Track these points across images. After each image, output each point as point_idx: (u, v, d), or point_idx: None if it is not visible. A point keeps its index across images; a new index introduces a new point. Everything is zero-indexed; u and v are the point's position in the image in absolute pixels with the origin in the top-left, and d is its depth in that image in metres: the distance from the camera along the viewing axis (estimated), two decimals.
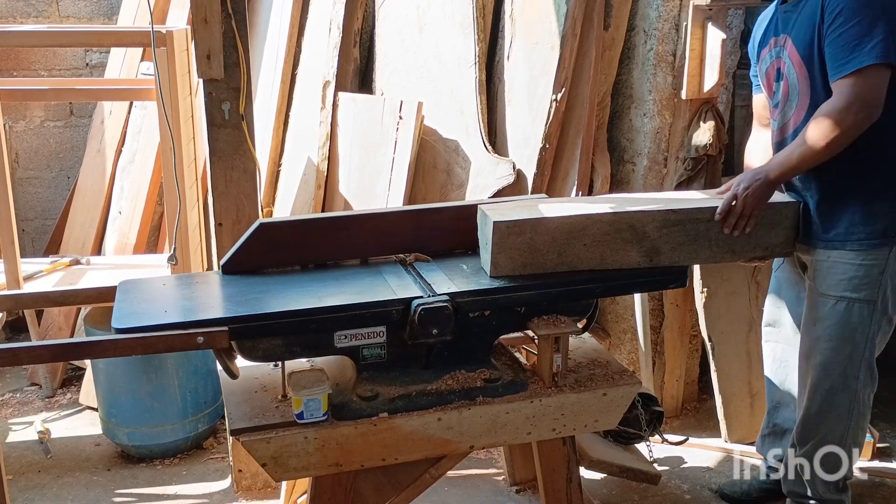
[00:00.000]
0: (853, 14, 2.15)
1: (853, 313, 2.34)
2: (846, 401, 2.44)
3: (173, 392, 3.04)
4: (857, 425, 2.48)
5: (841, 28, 2.16)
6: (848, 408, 2.45)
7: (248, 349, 1.98)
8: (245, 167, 2.61)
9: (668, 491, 2.91)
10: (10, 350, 1.92)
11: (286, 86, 3.63)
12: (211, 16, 2.45)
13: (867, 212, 2.30)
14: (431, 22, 3.32)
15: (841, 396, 2.43)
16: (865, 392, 2.46)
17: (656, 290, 3.18)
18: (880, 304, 2.35)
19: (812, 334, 2.44)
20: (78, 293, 2.48)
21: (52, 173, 4.12)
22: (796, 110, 2.36)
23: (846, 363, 2.39)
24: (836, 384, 2.42)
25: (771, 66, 2.45)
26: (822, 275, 2.37)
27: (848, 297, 2.34)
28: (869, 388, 2.47)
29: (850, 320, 2.35)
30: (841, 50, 2.16)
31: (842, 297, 2.34)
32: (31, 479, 3.00)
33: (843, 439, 2.48)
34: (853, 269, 2.32)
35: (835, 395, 2.44)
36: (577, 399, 2.16)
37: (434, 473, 2.19)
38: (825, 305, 2.38)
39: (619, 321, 3.40)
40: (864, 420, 2.52)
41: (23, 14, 3.92)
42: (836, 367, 2.41)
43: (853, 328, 2.36)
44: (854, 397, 2.43)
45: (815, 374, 2.45)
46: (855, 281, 2.32)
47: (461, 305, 2.04)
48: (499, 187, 3.05)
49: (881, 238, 2.30)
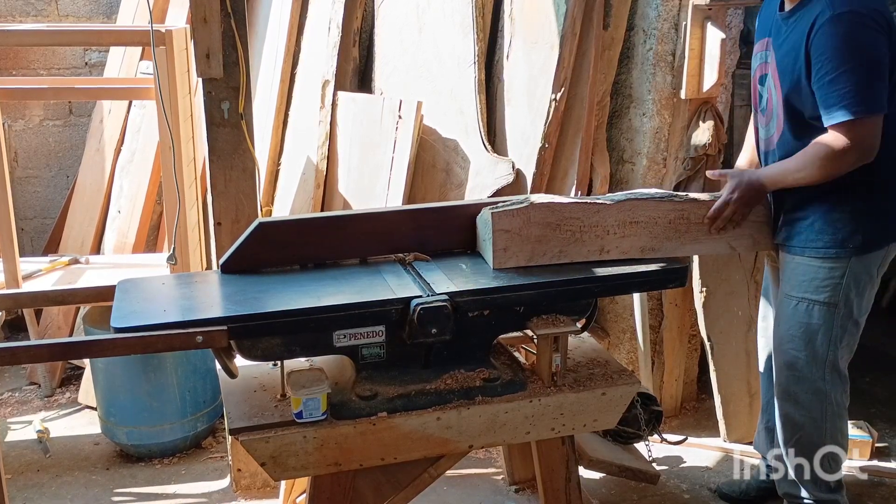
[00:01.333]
0: (842, 61, 2.14)
1: (814, 315, 2.37)
2: (817, 403, 2.44)
3: (172, 391, 3.04)
4: (834, 427, 2.48)
5: (831, 73, 2.15)
6: (821, 410, 2.45)
7: (247, 348, 1.98)
8: (244, 166, 2.61)
9: (666, 490, 2.92)
10: (9, 349, 1.92)
11: (285, 85, 3.63)
12: (210, 15, 2.45)
13: (826, 221, 2.32)
14: (431, 21, 3.32)
15: (811, 399, 2.44)
16: (837, 393, 2.46)
17: (655, 290, 3.18)
18: (843, 307, 2.36)
19: (777, 334, 2.48)
20: (77, 292, 2.47)
21: (51, 172, 4.12)
22: (775, 131, 2.39)
23: (809, 364, 2.41)
24: (802, 386, 2.44)
25: (759, 68, 2.46)
26: (787, 276, 2.42)
27: (809, 298, 2.37)
28: (839, 388, 2.47)
29: (811, 322, 2.38)
30: (836, 97, 2.15)
31: (803, 299, 2.38)
32: (29, 478, 3.00)
33: (822, 441, 2.48)
34: (813, 271, 2.35)
35: (802, 396, 2.45)
36: (576, 398, 2.16)
37: (433, 473, 2.19)
38: (788, 306, 2.42)
39: (619, 321, 3.40)
40: (842, 421, 2.52)
41: (22, 13, 3.91)
42: (801, 369, 2.42)
43: (814, 329, 2.38)
44: (825, 399, 2.44)
45: (782, 375, 2.48)
46: (815, 283, 2.35)
47: (460, 305, 2.04)
48: (498, 187, 3.05)
49: (839, 247, 2.32)
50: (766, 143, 2.47)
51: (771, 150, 2.44)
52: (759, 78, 2.45)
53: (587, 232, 2.21)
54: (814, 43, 2.18)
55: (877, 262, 2.37)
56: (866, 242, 2.32)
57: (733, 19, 3.23)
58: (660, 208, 2.28)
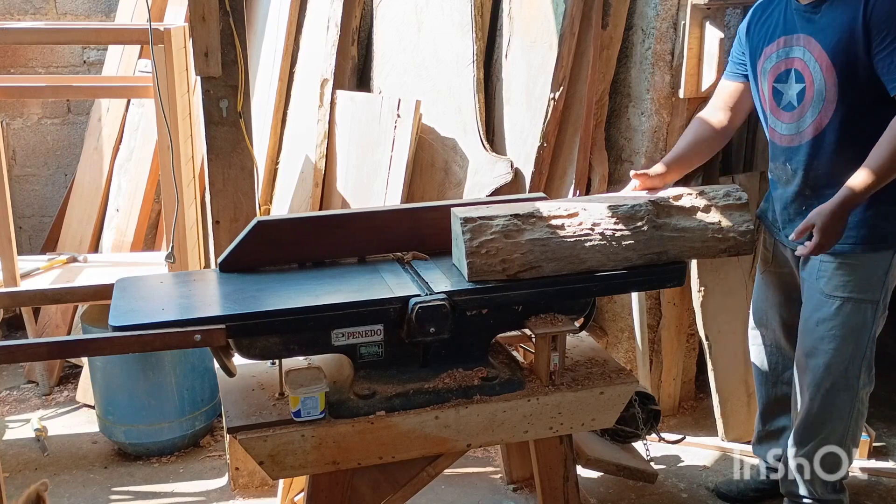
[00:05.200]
0: None
1: (859, 314, 2.36)
2: (848, 401, 2.45)
3: (170, 390, 3.04)
4: (856, 425, 2.50)
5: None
6: (849, 408, 2.46)
7: (245, 347, 1.98)
8: (243, 165, 2.60)
9: (664, 489, 2.92)
10: (7, 347, 1.92)
11: (284, 84, 3.63)
12: (209, 13, 2.45)
13: (873, 216, 2.30)
14: (430, 20, 3.32)
15: (843, 397, 2.45)
16: (865, 391, 2.48)
17: (654, 289, 3.18)
18: (881, 303, 2.37)
19: (815, 334, 2.44)
20: (75, 291, 2.47)
21: (50, 171, 4.12)
22: (820, 115, 2.30)
23: (849, 363, 2.41)
24: (838, 384, 2.43)
25: (776, 66, 2.39)
26: (829, 276, 2.38)
27: (854, 297, 2.35)
28: (868, 387, 2.49)
29: (856, 321, 2.37)
30: None
31: (848, 298, 2.36)
32: (27, 476, 3.00)
33: (844, 439, 2.49)
34: (859, 270, 2.33)
35: (837, 396, 2.44)
36: (574, 397, 2.16)
37: (431, 472, 2.19)
38: (831, 306, 2.39)
39: (617, 320, 3.41)
40: (863, 419, 2.54)
41: (20, 11, 3.91)
42: (839, 367, 2.41)
43: (858, 329, 2.38)
44: (855, 397, 2.45)
45: (817, 375, 2.45)
46: (862, 282, 2.34)
47: (458, 304, 2.04)
48: (496, 186, 3.05)
49: (885, 241, 2.31)
50: (790, 139, 2.39)
51: (796, 147, 2.37)
52: (776, 77, 2.39)
53: None
54: (873, 14, 2.14)
55: None
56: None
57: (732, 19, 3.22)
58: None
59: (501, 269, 2.09)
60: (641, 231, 2.19)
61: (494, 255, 2.07)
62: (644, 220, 2.20)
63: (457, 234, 2.14)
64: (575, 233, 2.15)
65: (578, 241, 2.14)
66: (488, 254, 2.07)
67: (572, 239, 2.14)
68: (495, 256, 2.08)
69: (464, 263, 2.09)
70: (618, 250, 2.17)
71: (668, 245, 2.23)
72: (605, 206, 2.22)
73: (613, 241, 2.17)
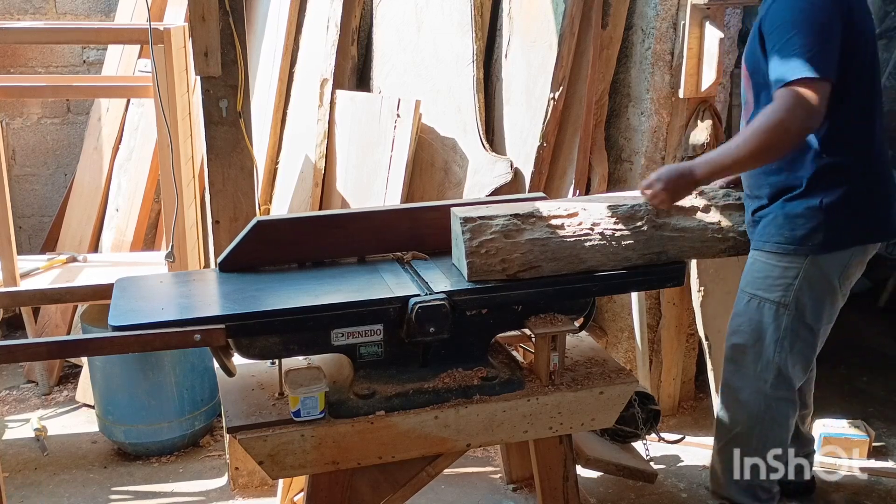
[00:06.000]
0: (790, 27, 2.08)
1: (763, 312, 2.36)
2: (757, 406, 2.42)
3: (170, 390, 3.04)
4: (769, 436, 2.45)
5: (780, 42, 2.09)
6: (760, 415, 2.43)
7: (245, 347, 1.98)
8: (242, 165, 2.60)
9: (664, 489, 2.92)
10: (7, 347, 1.92)
11: (284, 83, 3.63)
12: (208, 13, 2.45)
13: (787, 216, 2.27)
14: (429, 20, 3.32)
15: (751, 399, 2.43)
16: (781, 404, 2.43)
17: (654, 289, 3.18)
18: (794, 309, 2.32)
19: (729, 328, 2.48)
20: (75, 290, 2.47)
21: (49, 170, 4.12)
22: (747, 120, 2.33)
23: (755, 363, 2.40)
24: (745, 383, 2.43)
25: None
26: (745, 271, 2.41)
27: (759, 295, 2.36)
28: (784, 399, 2.42)
29: (760, 319, 2.37)
30: (782, 61, 2.08)
31: (754, 295, 2.37)
32: (27, 476, 3.00)
33: (752, 447, 2.46)
34: (768, 269, 2.33)
35: (741, 393, 2.44)
36: (574, 397, 2.16)
37: (431, 471, 2.19)
38: (741, 301, 2.42)
39: (616, 320, 3.41)
40: (781, 434, 2.47)
41: (20, 11, 3.91)
42: (746, 365, 2.42)
43: (762, 328, 2.37)
44: (766, 404, 2.42)
45: (726, 369, 2.48)
46: (768, 281, 2.33)
47: (458, 303, 2.04)
48: (496, 185, 3.05)
49: (797, 245, 2.27)
50: None
51: None
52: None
53: None
54: (766, 21, 2.16)
55: (836, 267, 2.29)
56: (826, 242, 2.24)
57: (732, 19, 3.22)
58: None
59: (501, 269, 2.09)
60: (641, 231, 2.20)
61: (494, 254, 2.08)
62: (644, 220, 2.21)
63: (457, 234, 2.14)
64: (575, 233, 2.15)
65: (578, 241, 2.15)
66: (488, 253, 2.07)
67: (572, 239, 2.14)
68: (495, 256, 2.08)
69: (463, 263, 2.09)
70: (617, 250, 2.18)
71: (667, 245, 2.24)
72: (605, 206, 2.23)
73: (613, 241, 2.17)
